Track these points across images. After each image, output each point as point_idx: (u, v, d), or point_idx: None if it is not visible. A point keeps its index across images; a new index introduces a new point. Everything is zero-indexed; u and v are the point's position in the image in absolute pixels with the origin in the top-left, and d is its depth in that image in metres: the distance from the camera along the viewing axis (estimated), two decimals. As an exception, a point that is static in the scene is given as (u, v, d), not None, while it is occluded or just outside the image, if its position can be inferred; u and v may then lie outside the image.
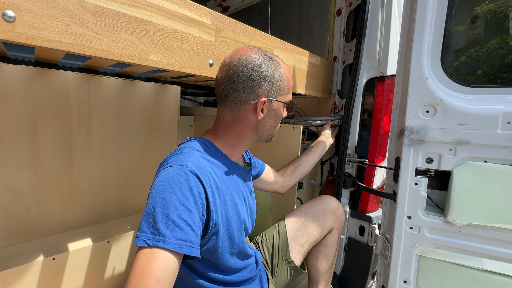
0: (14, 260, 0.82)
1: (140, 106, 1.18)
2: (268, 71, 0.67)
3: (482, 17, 0.89)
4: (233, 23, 0.84)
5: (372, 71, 1.18)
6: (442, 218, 0.85)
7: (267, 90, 0.68)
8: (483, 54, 0.88)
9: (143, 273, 0.46)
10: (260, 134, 0.75)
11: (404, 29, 0.88)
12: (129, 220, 1.17)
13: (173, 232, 0.50)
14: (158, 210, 0.52)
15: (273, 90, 0.69)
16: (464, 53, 0.90)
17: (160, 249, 0.49)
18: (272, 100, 0.70)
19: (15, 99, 0.87)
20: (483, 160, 0.79)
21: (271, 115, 0.72)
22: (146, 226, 0.51)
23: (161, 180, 0.56)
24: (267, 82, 0.68)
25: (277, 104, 0.72)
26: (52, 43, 0.49)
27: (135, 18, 0.60)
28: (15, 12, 0.45)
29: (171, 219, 0.51)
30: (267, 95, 0.68)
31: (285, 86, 0.72)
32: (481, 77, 0.88)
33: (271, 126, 0.75)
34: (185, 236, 0.51)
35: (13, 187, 0.89)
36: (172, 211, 0.52)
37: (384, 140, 1.18)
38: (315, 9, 1.54)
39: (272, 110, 0.72)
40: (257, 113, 0.68)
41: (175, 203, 0.52)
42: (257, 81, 0.66)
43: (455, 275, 0.85)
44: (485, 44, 0.89)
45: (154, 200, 0.53)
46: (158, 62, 0.66)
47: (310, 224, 0.98)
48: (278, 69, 0.70)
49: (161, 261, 0.48)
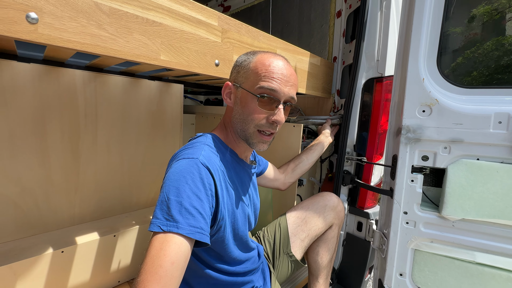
0: (25, 253, 0.84)
1: (144, 104, 1.21)
2: (240, 59, 0.73)
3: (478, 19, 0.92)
4: (238, 24, 0.87)
5: (371, 72, 1.22)
6: (436, 214, 0.88)
7: (234, 76, 0.74)
8: (479, 56, 0.91)
9: (158, 256, 0.49)
10: (234, 126, 0.73)
11: (402, 31, 0.92)
12: (134, 215, 1.19)
13: (186, 219, 0.53)
14: (172, 198, 0.55)
15: (239, 77, 0.71)
16: (459, 55, 0.93)
17: (174, 234, 0.51)
18: (237, 86, 0.71)
19: (25, 96, 0.89)
20: (475, 158, 0.83)
21: (237, 103, 0.71)
22: (160, 213, 0.54)
23: (175, 171, 0.59)
24: (235, 70, 0.74)
25: (241, 91, 0.70)
26: (71, 44, 0.52)
27: (147, 20, 0.63)
28: (37, 14, 0.47)
29: (184, 206, 0.54)
30: (233, 82, 0.73)
31: (252, 73, 0.68)
32: (476, 78, 0.91)
33: (239, 116, 0.70)
34: (197, 223, 0.54)
35: (22, 182, 0.92)
36: (185, 199, 0.54)
37: (381, 138, 1.22)
38: (316, 11, 1.57)
39: (238, 97, 0.71)
40: (223, 96, 0.74)
41: (187, 192, 0.55)
42: (231, 71, 0.76)
43: (448, 268, 0.89)
44: (481, 45, 0.91)
45: (168, 189, 0.56)
46: (168, 62, 0.69)
47: (311, 220, 1.01)
48: (249, 58, 0.71)
49: (175, 245, 0.51)
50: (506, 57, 0.88)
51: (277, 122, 0.68)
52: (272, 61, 0.68)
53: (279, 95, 0.67)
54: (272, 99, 0.67)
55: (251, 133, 0.70)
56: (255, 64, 0.68)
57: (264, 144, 0.72)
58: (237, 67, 0.73)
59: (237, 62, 0.74)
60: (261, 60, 0.68)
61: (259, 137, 0.70)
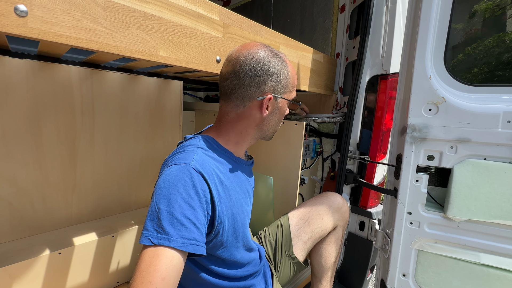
0: (21, 254, 0.82)
1: (143, 101, 1.18)
2: (275, 68, 0.67)
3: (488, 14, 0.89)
4: (240, 19, 0.84)
5: (375, 69, 1.19)
6: (441, 214, 0.87)
7: (273, 87, 0.68)
8: (488, 53, 0.89)
9: (148, 271, 0.47)
10: (263, 132, 0.75)
11: (409, 27, 0.89)
12: (133, 215, 1.17)
13: (178, 231, 0.51)
14: (162, 208, 0.52)
15: (278, 87, 0.69)
16: (468, 52, 0.91)
17: (165, 248, 0.49)
18: (277, 97, 0.70)
19: (18, 93, 0.86)
20: (483, 158, 0.81)
21: (275, 112, 0.73)
22: (150, 224, 0.52)
23: (165, 179, 0.56)
24: (274, 79, 0.67)
25: (281, 101, 0.73)
26: (64, 38, 0.49)
27: (145, 14, 0.60)
28: (27, 6, 0.44)
29: (175, 217, 0.51)
30: (272, 92, 0.68)
31: (290, 83, 0.73)
32: (485, 76, 0.89)
33: (274, 123, 0.75)
34: (190, 234, 0.52)
35: (17, 182, 0.89)
36: (177, 209, 0.52)
37: (385, 137, 1.20)
38: (318, 5, 1.53)
39: (277, 107, 0.72)
40: (263, 110, 0.69)
41: (179, 202, 0.53)
42: (264, 78, 0.66)
43: (452, 269, 0.88)
44: (489, 42, 0.89)
45: (159, 198, 0.53)
46: (167, 58, 0.66)
47: (314, 222, 0.99)
48: (284, 66, 0.70)
49: (165, 259, 0.48)
50: (515, 54, 0.86)
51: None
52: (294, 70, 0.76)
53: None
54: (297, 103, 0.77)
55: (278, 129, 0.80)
56: (292, 74, 0.73)
57: None
58: (275, 76, 0.68)
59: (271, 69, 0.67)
60: (293, 71, 0.75)
61: None
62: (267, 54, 0.67)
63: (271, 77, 0.67)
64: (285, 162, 1.25)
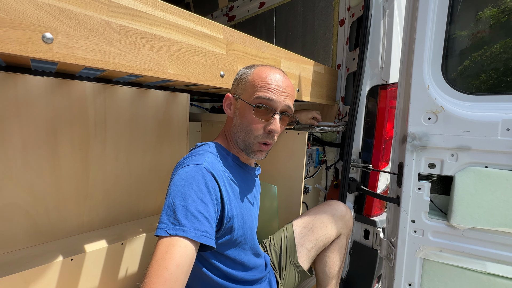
0: (35, 261, 0.86)
1: (151, 113, 1.24)
2: (239, 72, 0.78)
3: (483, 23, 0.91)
4: (242, 36, 0.89)
5: (375, 79, 1.22)
6: (445, 222, 0.87)
7: (234, 89, 0.78)
8: (485, 61, 0.90)
9: (164, 258, 0.50)
10: (234, 136, 0.76)
11: (406, 39, 0.92)
12: (141, 223, 1.21)
13: (192, 223, 0.54)
14: (177, 203, 0.56)
15: (238, 88, 0.76)
16: (464, 62, 0.92)
17: (179, 238, 0.53)
18: (236, 97, 0.75)
19: (38, 108, 0.92)
20: (484, 166, 0.81)
21: (236, 113, 0.76)
22: (166, 218, 0.56)
23: (180, 177, 0.61)
24: (235, 82, 0.78)
25: (240, 102, 0.74)
26: (83, 61, 0.54)
27: (155, 36, 0.66)
28: (52, 34, 0.50)
29: (189, 211, 0.55)
30: (233, 93, 0.77)
31: (249, 84, 0.72)
32: (482, 84, 0.90)
33: (239, 127, 0.73)
34: (202, 227, 0.56)
35: (34, 191, 0.95)
36: (191, 204, 0.56)
37: (387, 145, 1.21)
38: (319, 19, 1.59)
39: (237, 108, 0.75)
40: (224, 107, 0.77)
41: (193, 197, 0.57)
42: (232, 84, 0.80)
43: (459, 278, 0.87)
44: (488, 49, 0.90)
45: (174, 194, 0.58)
46: (175, 74, 0.71)
47: (318, 230, 1.00)
48: (248, 71, 0.76)
49: (180, 248, 0.52)
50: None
51: (273, 131, 0.70)
52: (269, 73, 0.71)
53: (275, 104, 0.70)
54: (269, 109, 0.70)
55: (250, 143, 0.73)
56: (252, 76, 0.72)
57: (262, 153, 0.75)
58: (237, 80, 0.77)
59: (237, 75, 0.78)
60: (258, 72, 0.72)
61: (258, 146, 0.73)
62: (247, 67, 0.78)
63: (235, 81, 0.79)
64: (289, 171, 1.27)
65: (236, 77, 0.78)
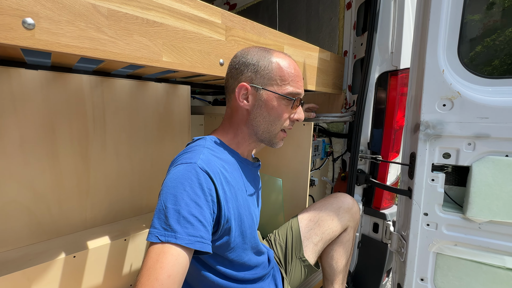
0: (38, 258, 0.85)
1: (152, 106, 1.20)
2: (253, 59, 0.68)
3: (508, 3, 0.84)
4: (243, 21, 0.84)
5: (384, 65, 1.15)
6: (460, 215, 0.82)
7: (250, 77, 0.68)
8: (508, 40, 0.83)
9: (155, 268, 0.47)
10: (255, 130, 0.71)
11: (418, 20, 0.86)
12: (144, 219, 1.19)
13: (185, 228, 0.51)
14: (169, 206, 0.53)
15: (257, 78, 0.68)
16: (484, 43, 0.86)
17: (171, 245, 0.50)
18: (258, 88, 0.68)
19: (34, 103, 0.90)
20: (504, 155, 0.76)
21: (259, 105, 0.69)
22: (158, 222, 0.52)
23: (172, 178, 0.57)
24: (250, 69, 0.68)
25: (266, 94, 0.68)
26: (69, 48, 0.51)
27: (147, 20, 0.61)
28: (34, 19, 0.46)
29: (182, 215, 0.52)
30: (250, 82, 0.68)
31: (275, 75, 0.68)
32: (503, 67, 0.84)
33: (263, 119, 0.70)
34: (196, 232, 0.52)
35: (35, 188, 0.93)
36: (183, 207, 0.52)
37: (398, 135, 1.16)
38: (324, 3, 1.51)
39: (260, 99, 0.68)
40: (238, 99, 0.69)
41: (186, 200, 0.53)
42: (240, 69, 0.69)
43: (475, 273, 0.83)
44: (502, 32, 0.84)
45: (166, 197, 0.54)
46: (170, 63, 0.67)
47: (324, 223, 0.97)
48: (266, 58, 0.68)
49: (171, 257, 0.49)
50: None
51: (300, 120, 0.74)
52: (292, 64, 0.71)
53: (301, 96, 0.73)
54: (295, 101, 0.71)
55: (275, 133, 0.73)
56: (278, 66, 0.68)
57: (282, 141, 0.76)
58: (252, 66, 0.68)
59: (248, 61, 0.68)
60: (283, 63, 0.69)
61: (282, 135, 0.74)
62: (252, 49, 0.71)
63: (247, 67, 0.68)
64: (294, 164, 1.23)
65: (249, 62, 0.68)
